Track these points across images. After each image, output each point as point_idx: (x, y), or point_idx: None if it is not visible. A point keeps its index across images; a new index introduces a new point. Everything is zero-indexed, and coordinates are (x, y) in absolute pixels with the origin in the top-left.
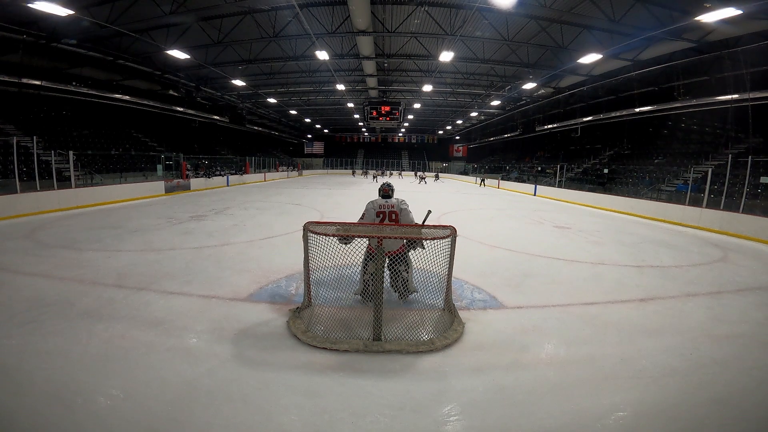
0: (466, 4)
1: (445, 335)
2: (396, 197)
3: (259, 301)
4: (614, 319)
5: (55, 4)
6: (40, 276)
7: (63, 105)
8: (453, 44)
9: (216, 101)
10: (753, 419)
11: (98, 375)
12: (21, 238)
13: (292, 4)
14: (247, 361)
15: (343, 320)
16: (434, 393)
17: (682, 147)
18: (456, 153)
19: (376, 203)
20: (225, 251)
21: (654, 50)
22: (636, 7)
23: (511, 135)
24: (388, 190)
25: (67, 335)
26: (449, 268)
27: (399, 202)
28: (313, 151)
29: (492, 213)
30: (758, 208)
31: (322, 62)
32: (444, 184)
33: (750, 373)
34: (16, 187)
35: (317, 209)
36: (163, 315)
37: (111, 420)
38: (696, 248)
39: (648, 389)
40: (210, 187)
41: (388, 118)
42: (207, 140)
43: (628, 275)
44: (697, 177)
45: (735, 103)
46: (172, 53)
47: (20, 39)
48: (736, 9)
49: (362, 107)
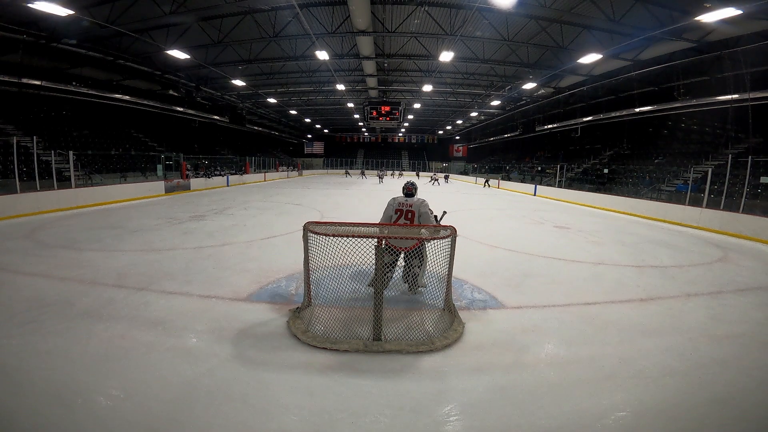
0: (466, 4)
1: (445, 335)
2: (419, 197)
3: (259, 301)
4: (614, 319)
5: (55, 4)
6: (40, 276)
7: (63, 105)
8: (453, 44)
9: (216, 101)
10: (753, 419)
11: (98, 375)
12: (21, 238)
13: (292, 4)
14: (247, 361)
15: (343, 320)
16: (434, 393)
17: (682, 147)
18: (456, 153)
19: (397, 200)
20: (225, 251)
21: (654, 50)
22: (636, 7)
23: (511, 135)
24: (412, 188)
25: (67, 335)
26: (449, 268)
27: (420, 203)
28: (313, 151)
29: (492, 213)
30: (758, 208)
31: (322, 62)
32: (448, 185)
33: (750, 373)
34: (16, 187)
35: (317, 209)
36: (163, 315)
37: (111, 420)
38: (696, 248)
39: (648, 389)
40: (210, 187)
41: (388, 118)
42: (207, 140)
43: (628, 275)
44: (697, 177)
45: (735, 103)
46: (172, 53)
47: (20, 39)
48: (736, 9)
49: (362, 107)
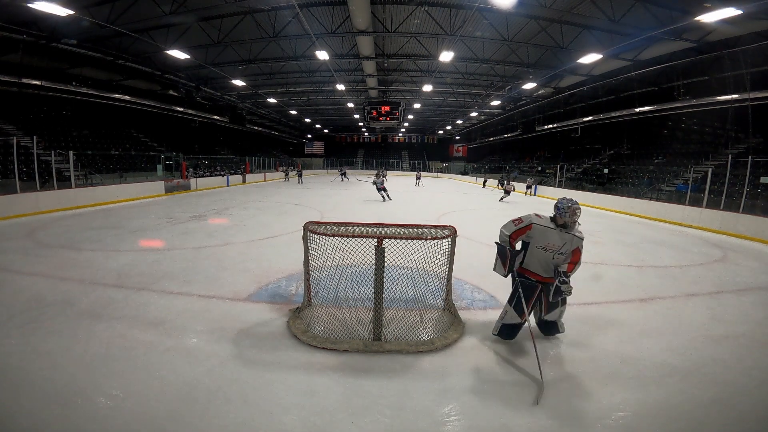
0: (466, 4)
1: (445, 335)
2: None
3: (259, 301)
4: (614, 319)
5: (55, 4)
6: (40, 276)
7: (63, 105)
8: (453, 44)
9: (216, 101)
10: (753, 419)
11: (98, 375)
12: (21, 238)
13: (292, 4)
14: (247, 361)
15: (343, 320)
16: (434, 393)
17: (682, 147)
18: (456, 153)
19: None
20: (225, 251)
21: (654, 50)
22: (636, 7)
23: (511, 135)
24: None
25: (67, 335)
26: (449, 268)
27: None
28: (313, 151)
29: (492, 213)
30: (758, 208)
31: (322, 62)
32: (449, 185)
33: (750, 373)
34: (16, 187)
35: (317, 209)
36: (163, 315)
37: (111, 420)
38: (696, 248)
39: (648, 389)
40: (210, 187)
41: (388, 118)
42: (207, 140)
43: (628, 275)
44: (697, 177)
45: (735, 103)
46: (172, 53)
47: (20, 39)
48: (736, 9)
49: (362, 107)
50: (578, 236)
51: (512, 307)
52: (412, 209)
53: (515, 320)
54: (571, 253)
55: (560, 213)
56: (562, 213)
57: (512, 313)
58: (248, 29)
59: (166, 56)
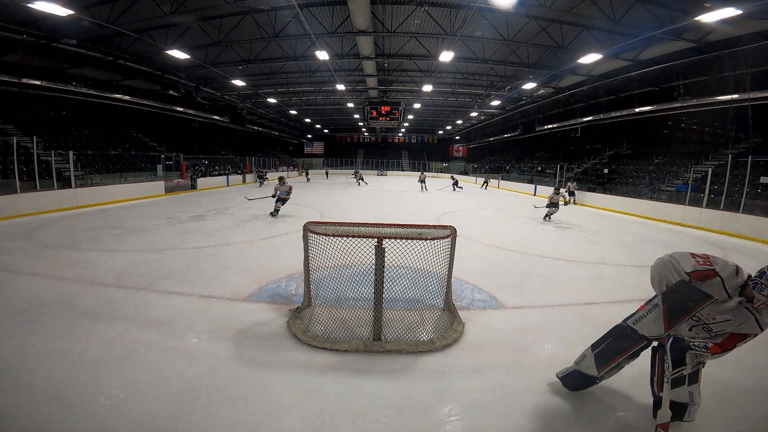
0: (466, 4)
1: (445, 335)
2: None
3: (259, 301)
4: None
5: (55, 4)
6: (40, 276)
7: (63, 105)
8: (453, 44)
9: (216, 101)
10: (753, 419)
11: (98, 375)
12: (21, 238)
13: (292, 4)
14: (247, 361)
15: (343, 320)
16: (434, 393)
17: (682, 147)
18: (456, 153)
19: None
20: (225, 251)
21: (654, 50)
22: (636, 7)
23: (511, 135)
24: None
25: (67, 335)
26: (449, 268)
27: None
28: (313, 151)
29: (492, 213)
30: (758, 208)
31: (322, 62)
32: (449, 185)
33: (750, 373)
34: (16, 187)
35: (317, 209)
36: (163, 315)
37: (111, 420)
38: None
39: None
40: (210, 187)
41: (388, 118)
42: (207, 140)
43: (628, 275)
44: (697, 177)
45: (735, 103)
46: (172, 53)
47: (20, 39)
48: (736, 9)
49: (362, 107)
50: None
51: (594, 353)
52: (412, 209)
53: (590, 371)
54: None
55: (760, 288)
56: (762, 288)
57: (590, 360)
58: (248, 29)
59: (166, 56)
